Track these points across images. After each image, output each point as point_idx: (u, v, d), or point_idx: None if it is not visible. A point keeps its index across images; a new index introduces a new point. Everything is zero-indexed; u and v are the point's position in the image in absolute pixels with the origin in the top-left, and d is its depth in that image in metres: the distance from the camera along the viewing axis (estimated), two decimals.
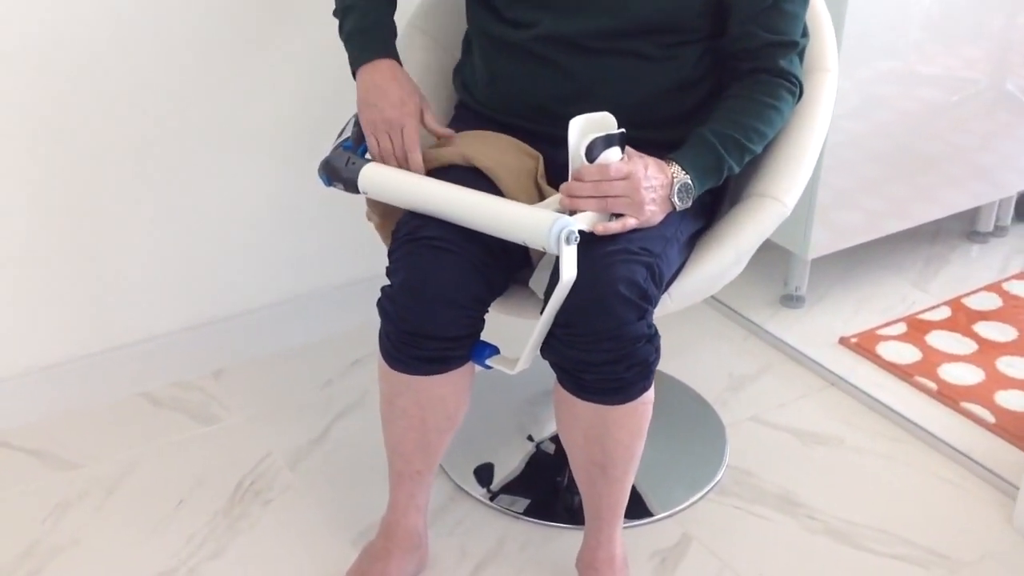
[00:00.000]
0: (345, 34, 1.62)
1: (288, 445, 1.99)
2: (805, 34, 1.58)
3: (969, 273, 2.57)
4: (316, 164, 1.61)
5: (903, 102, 2.30)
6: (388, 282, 1.51)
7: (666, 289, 1.55)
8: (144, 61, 1.90)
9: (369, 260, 2.28)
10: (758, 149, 1.55)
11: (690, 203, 1.48)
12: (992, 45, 2.39)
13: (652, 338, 1.45)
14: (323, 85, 2.09)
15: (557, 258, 1.40)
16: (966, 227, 2.73)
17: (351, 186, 1.55)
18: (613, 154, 1.42)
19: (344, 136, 1.61)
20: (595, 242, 1.41)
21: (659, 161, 1.46)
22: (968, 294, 2.46)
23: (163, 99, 1.95)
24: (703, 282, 1.59)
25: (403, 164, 1.55)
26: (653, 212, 1.44)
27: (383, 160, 1.56)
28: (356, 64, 1.60)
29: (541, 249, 1.38)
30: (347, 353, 2.24)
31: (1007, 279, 2.53)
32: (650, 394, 1.50)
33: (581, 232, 1.38)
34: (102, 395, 2.08)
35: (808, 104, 1.63)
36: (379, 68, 1.58)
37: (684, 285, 1.58)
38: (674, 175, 1.46)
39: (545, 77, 1.55)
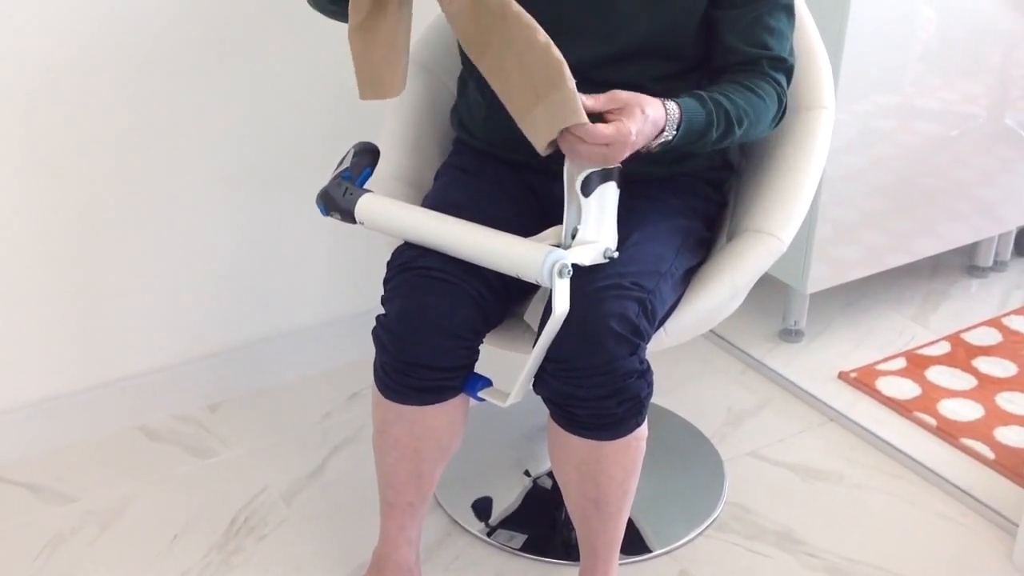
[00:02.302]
0: None
1: (284, 479, 1.98)
2: (791, 55, 1.58)
3: (969, 308, 2.56)
4: (315, 196, 1.61)
5: (902, 136, 2.30)
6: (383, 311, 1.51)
7: (661, 325, 1.54)
8: (134, 96, 1.91)
9: (368, 294, 2.28)
10: (738, 130, 1.50)
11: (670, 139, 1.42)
12: (991, 80, 2.39)
13: (644, 373, 1.44)
14: (320, 118, 2.10)
15: (550, 292, 1.40)
16: (965, 262, 2.73)
17: (348, 216, 1.55)
18: (610, 189, 1.43)
19: (343, 166, 1.62)
20: (587, 277, 1.41)
21: (657, 118, 1.39)
22: (968, 329, 2.46)
23: (157, 134, 1.96)
24: (699, 317, 1.59)
25: None
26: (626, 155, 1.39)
27: None
28: None
29: (534, 282, 1.38)
30: (345, 387, 2.24)
31: (1006, 314, 2.52)
32: (643, 430, 1.49)
33: (574, 266, 1.38)
34: (99, 429, 2.08)
35: (805, 140, 1.64)
36: None
37: (680, 320, 1.57)
38: (665, 129, 1.41)
39: None
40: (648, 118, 1.38)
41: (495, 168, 1.65)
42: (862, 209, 2.31)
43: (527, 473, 1.98)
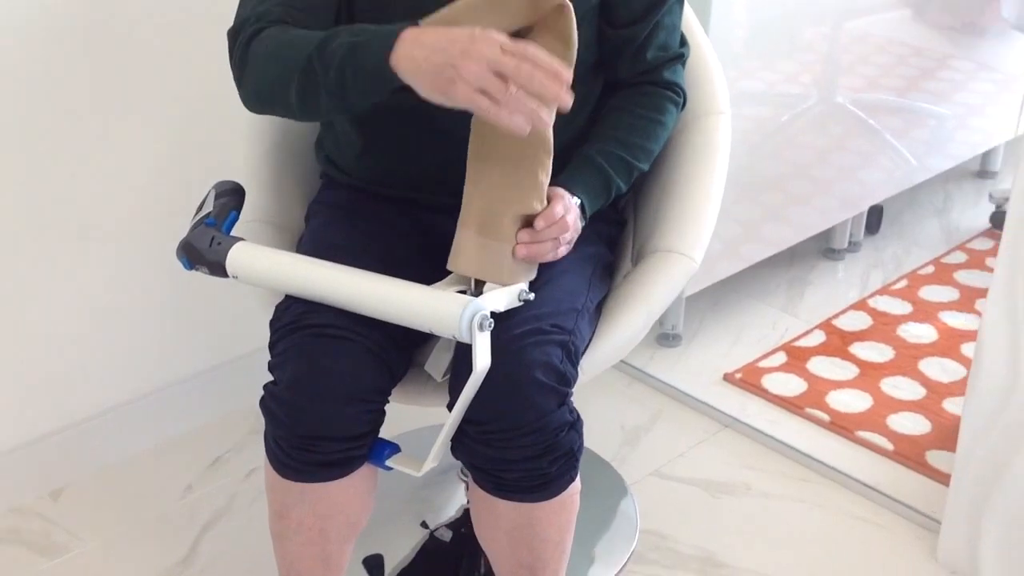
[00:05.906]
0: (346, 46, 1.21)
1: (151, 570, 1.75)
2: (684, 43, 1.51)
3: (833, 292, 2.55)
4: (162, 247, 1.40)
5: (734, 122, 2.21)
6: (271, 378, 1.32)
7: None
8: None
9: (219, 347, 2.07)
10: (645, 166, 1.47)
11: (583, 224, 1.39)
12: (811, 58, 2.33)
13: (575, 424, 1.31)
14: (173, 168, 1.88)
15: (459, 344, 1.25)
16: (821, 245, 2.72)
17: (217, 269, 1.35)
18: None
19: (205, 211, 1.41)
20: (502, 324, 1.27)
21: (561, 192, 1.35)
22: (837, 315, 2.44)
23: None
24: (615, 349, 1.47)
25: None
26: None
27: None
28: (388, 40, 1.17)
29: (450, 338, 1.23)
30: (205, 452, 2.01)
31: (871, 295, 2.52)
32: (577, 484, 1.36)
33: (492, 313, 1.23)
34: None
35: (706, 149, 1.55)
36: (414, 28, 1.19)
37: (595, 355, 1.44)
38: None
39: (430, 141, 1.39)
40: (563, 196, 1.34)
41: (376, 205, 1.48)
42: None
43: (424, 524, 1.82)
